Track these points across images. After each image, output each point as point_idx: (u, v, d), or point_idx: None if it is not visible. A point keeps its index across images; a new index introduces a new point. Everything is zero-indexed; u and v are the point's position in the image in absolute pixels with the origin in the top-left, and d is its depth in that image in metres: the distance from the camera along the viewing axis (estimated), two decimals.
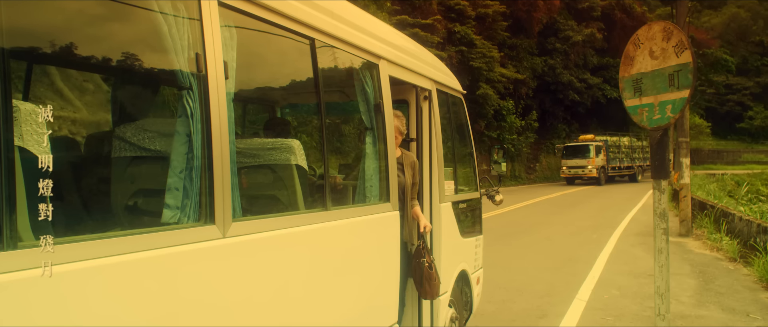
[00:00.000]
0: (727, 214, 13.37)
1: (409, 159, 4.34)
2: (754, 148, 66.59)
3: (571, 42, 46.93)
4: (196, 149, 2.30)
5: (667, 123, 3.47)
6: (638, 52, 3.57)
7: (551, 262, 10.86)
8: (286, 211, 3.13)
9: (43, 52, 2.48)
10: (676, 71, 3.30)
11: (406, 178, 4.23)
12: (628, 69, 3.68)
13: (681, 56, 3.24)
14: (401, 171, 4.22)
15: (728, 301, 8.02)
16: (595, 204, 24.33)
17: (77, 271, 1.76)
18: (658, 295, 3.63)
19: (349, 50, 3.49)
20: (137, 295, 1.97)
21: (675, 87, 3.36)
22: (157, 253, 2.04)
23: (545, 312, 7.42)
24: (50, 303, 1.69)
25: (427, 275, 4.04)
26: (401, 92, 4.59)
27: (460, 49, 33.62)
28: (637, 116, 3.69)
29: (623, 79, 3.75)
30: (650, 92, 3.61)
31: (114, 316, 1.88)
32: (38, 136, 1.81)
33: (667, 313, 3.61)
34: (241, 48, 2.59)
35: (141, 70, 2.60)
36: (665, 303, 3.61)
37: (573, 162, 38.27)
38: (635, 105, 3.69)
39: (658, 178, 3.53)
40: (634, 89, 3.67)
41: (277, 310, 2.71)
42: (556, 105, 48.31)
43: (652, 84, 3.59)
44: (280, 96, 4.20)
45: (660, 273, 3.65)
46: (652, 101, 3.54)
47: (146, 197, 2.59)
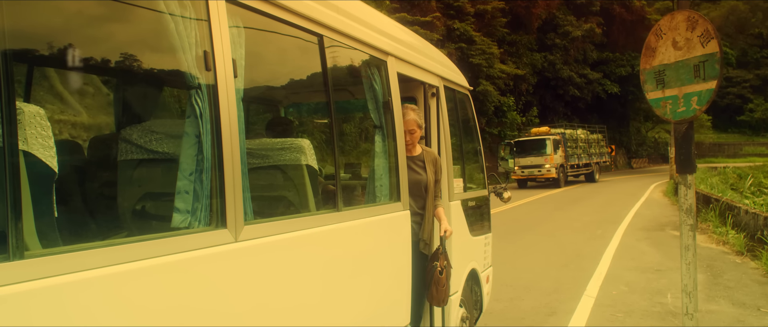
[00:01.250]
0: (732, 208, 13.29)
1: (430, 155, 4.22)
2: (755, 141, 66.61)
3: (571, 37, 46.86)
4: (205, 150, 2.22)
5: (693, 115, 3.35)
6: (660, 43, 3.46)
7: (557, 258, 10.79)
8: (298, 213, 3.05)
9: (45, 53, 2.40)
10: (702, 62, 3.20)
11: (428, 176, 4.11)
12: (649, 60, 3.57)
13: (707, 46, 3.14)
14: (422, 168, 4.11)
15: (738, 295, 7.95)
16: (597, 200, 24.26)
17: (86, 281, 1.68)
18: (685, 293, 3.54)
19: (358, 47, 3.42)
20: (149, 304, 1.89)
21: (701, 78, 3.26)
22: (168, 260, 1.96)
23: (554, 309, 7.35)
24: (59, 315, 1.61)
25: (436, 279, 3.92)
26: (409, 89, 4.51)
27: (460, 46, 33.58)
28: (660, 109, 3.58)
29: (645, 71, 3.64)
30: (674, 84, 3.50)
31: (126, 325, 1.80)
32: (43, 139, 1.73)
33: (696, 312, 3.52)
34: (249, 46, 2.52)
35: (147, 69, 2.53)
36: (693, 302, 3.52)
37: (527, 160, 31.47)
38: (658, 97, 3.58)
39: (684, 173, 3.42)
40: (656, 81, 3.56)
41: (290, 314, 2.63)
42: (557, 100, 48.26)
43: (675, 75, 3.49)
44: (289, 95, 4.13)
45: (687, 270, 3.55)
46: (676, 93, 3.43)
47: (155, 201, 2.51)
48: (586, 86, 48.64)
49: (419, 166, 4.10)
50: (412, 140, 4.08)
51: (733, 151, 59.37)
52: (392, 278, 3.69)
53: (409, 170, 4.02)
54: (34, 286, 1.55)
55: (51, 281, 1.59)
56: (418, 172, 4.08)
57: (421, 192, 4.08)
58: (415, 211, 4.02)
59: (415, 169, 4.09)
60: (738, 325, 6.60)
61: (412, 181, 4.02)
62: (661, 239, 13.13)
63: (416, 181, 4.06)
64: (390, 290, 3.66)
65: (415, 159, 4.12)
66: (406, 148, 4.02)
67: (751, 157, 50.35)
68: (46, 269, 1.59)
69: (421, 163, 4.11)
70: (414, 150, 4.16)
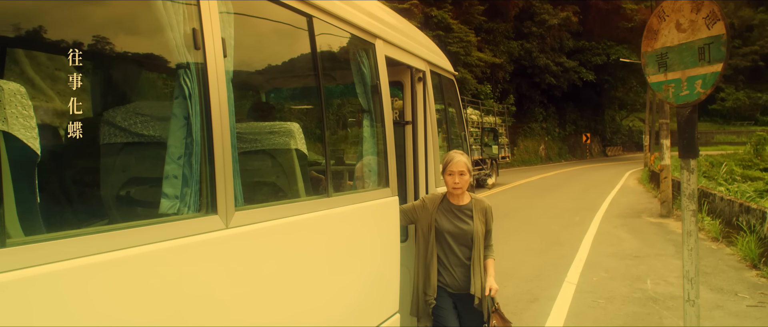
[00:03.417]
0: (707, 195, 13.47)
1: (480, 204, 3.92)
2: (726, 129, 67.79)
3: (547, 25, 47.06)
4: (195, 133, 2.12)
5: (697, 99, 3.29)
6: (663, 25, 3.39)
7: (537, 245, 10.85)
8: (288, 198, 2.97)
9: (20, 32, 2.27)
10: (707, 44, 3.14)
11: (476, 226, 3.82)
12: (651, 43, 3.49)
13: (713, 28, 3.08)
14: (470, 217, 3.84)
15: (715, 280, 8.05)
16: (574, 187, 24.48)
17: (72, 270, 1.58)
18: (687, 279, 3.50)
19: (346, 28, 3.33)
20: (137, 293, 1.80)
21: (706, 61, 3.19)
22: (157, 247, 1.87)
23: (536, 296, 7.37)
24: (44, 305, 1.52)
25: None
26: (395, 74, 4.43)
27: (438, 34, 33.47)
28: (662, 93, 3.50)
29: (646, 53, 3.56)
30: (677, 67, 3.43)
31: (113, 316, 1.70)
32: (24, 119, 1.62)
33: (697, 298, 3.48)
34: (238, 25, 2.42)
35: (132, 48, 2.41)
36: (695, 288, 3.48)
37: None
38: (660, 81, 3.50)
39: (687, 158, 3.37)
40: (658, 64, 3.48)
41: (281, 301, 2.56)
42: (533, 88, 48.53)
43: (679, 58, 3.42)
44: (277, 77, 4.02)
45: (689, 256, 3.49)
46: (679, 76, 3.37)
47: (142, 187, 2.41)
48: (563, 74, 48.96)
49: (467, 216, 3.85)
50: (462, 183, 3.79)
51: (705, 140, 60.29)
52: (381, 264, 3.63)
53: (456, 219, 3.82)
54: (16, 276, 1.45)
55: (35, 270, 1.49)
56: (465, 221, 3.82)
57: (467, 242, 3.81)
58: (461, 263, 3.80)
59: (463, 219, 3.83)
60: (716, 310, 6.67)
61: (459, 230, 3.80)
62: (638, 226, 13.28)
63: (463, 231, 3.80)
64: (379, 276, 3.60)
65: (464, 208, 3.87)
66: (454, 195, 3.84)
67: (722, 145, 51.12)
68: (30, 258, 1.49)
69: (468, 212, 3.85)
70: (462, 198, 3.89)
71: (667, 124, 15.89)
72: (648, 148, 31.43)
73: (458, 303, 3.86)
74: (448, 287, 3.82)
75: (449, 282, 3.81)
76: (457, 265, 3.80)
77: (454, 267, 3.80)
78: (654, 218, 14.59)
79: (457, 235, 3.80)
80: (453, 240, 3.79)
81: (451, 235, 3.79)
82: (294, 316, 2.65)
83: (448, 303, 3.83)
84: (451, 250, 3.80)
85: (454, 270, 3.81)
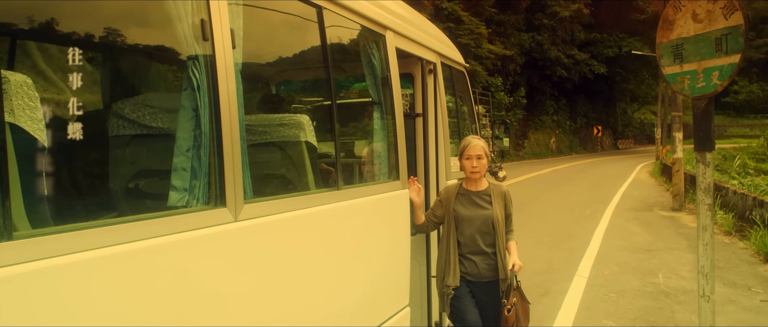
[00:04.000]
0: (720, 188, 13.35)
1: (498, 189, 3.88)
2: (739, 122, 67.21)
3: (559, 18, 46.75)
4: (203, 125, 2.10)
5: (714, 91, 3.21)
6: (679, 16, 3.31)
7: (548, 238, 10.79)
8: (298, 191, 2.94)
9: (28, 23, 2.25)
10: (724, 34, 3.07)
11: (496, 211, 3.76)
12: (666, 34, 3.42)
13: (731, 18, 3.01)
14: (488, 203, 3.78)
15: (728, 275, 7.97)
16: (585, 180, 24.36)
17: (79, 263, 1.57)
18: (702, 274, 3.44)
19: (356, 19, 3.30)
20: (145, 287, 1.78)
21: (723, 52, 3.12)
22: (165, 240, 1.85)
23: (547, 289, 7.33)
24: (51, 298, 1.50)
25: (503, 318, 3.57)
26: (406, 66, 4.39)
27: (448, 26, 33.32)
28: (677, 85, 3.43)
29: (661, 45, 3.48)
30: (693, 58, 3.36)
31: (120, 310, 1.69)
32: (31, 111, 1.60)
33: (712, 294, 3.43)
34: (247, 16, 2.39)
35: (140, 39, 2.39)
36: (710, 283, 3.43)
37: None
38: (675, 72, 3.42)
39: (703, 151, 3.30)
40: (673, 56, 3.40)
41: (290, 295, 2.54)
42: (544, 81, 48.27)
43: (695, 49, 3.35)
44: (286, 69, 3.99)
45: (704, 251, 3.42)
46: (695, 68, 3.30)
47: (151, 179, 2.39)
48: (574, 67, 48.65)
49: (485, 201, 3.79)
50: (480, 167, 3.76)
51: (718, 133, 59.74)
52: (391, 258, 3.60)
53: (475, 206, 3.76)
54: (23, 269, 1.44)
55: (42, 264, 1.47)
56: (484, 206, 3.76)
57: (488, 229, 3.75)
58: (481, 250, 3.73)
59: (482, 205, 3.78)
60: (729, 305, 6.61)
61: (478, 216, 3.73)
62: (650, 219, 13.19)
63: (483, 217, 3.74)
64: (389, 270, 3.57)
65: (482, 194, 3.81)
66: (471, 180, 3.81)
67: (735, 138, 50.75)
68: (37, 251, 1.47)
69: (487, 197, 3.80)
70: (480, 183, 3.84)
71: (679, 117, 15.75)
72: (660, 141, 31.23)
73: (478, 292, 3.78)
74: (468, 276, 3.75)
75: (470, 270, 3.74)
76: (478, 253, 3.73)
77: (475, 255, 3.74)
78: (666, 212, 14.48)
79: (478, 222, 3.73)
80: (473, 227, 3.72)
81: (471, 222, 3.73)
82: (303, 310, 2.64)
83: (467, 293, 3.76)
84: (472, 238, 3.74)
85: (474, 258, 3.75)
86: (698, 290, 3.51)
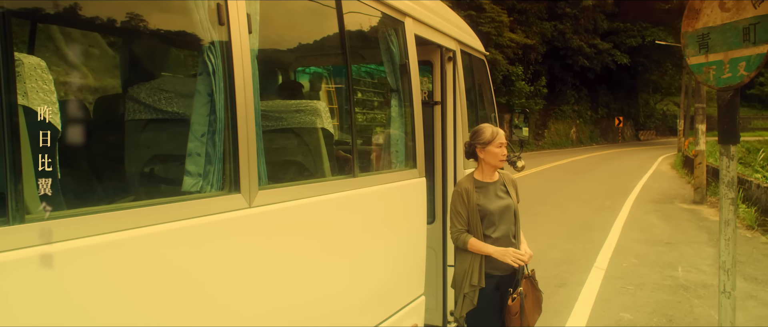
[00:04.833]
0: (743, 182, 13.13)
1: (509, 178, 3.81)
2: (764, 115, 66.07)
3: (582, 6, 46.14)
4: (218, 110, 2.09)
5: (740, 82, 3.14)
6: (706, 4, 3.21)
7: (566, 229, 10.71)
8: (313, 178, 2.92)
9: (47, 7, 2.25)
10: (752, 24, 2.98)
11: (514, 199, 3.71)
12: (692, 23, 3.33)
13: (760, 7, 2.91)
14: (506, 192, 3.70)
15: (750, 270, 7.85)
16: (605, 170, 24.14)
17: (92, 247, 1.57)
18: (723, 270, 3.38)
19: (375, 5, 3.26)
20: (158, 272, 1.78)
21: (751, 42, 3.03)
22: (179, 225, 1.85)
23: (564, 280, 7.28)
24: (63, 283, 1.50)
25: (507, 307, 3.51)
26: (424, 53, 4.34)
27: (469, 14, 33.06)
28: (702, 75, 3.34)
29: (687, 34, 3.39)
30: (719, 48, 3.27)
31: (133, 294, 1.69)
32: (44, 94, 1.59)
33: (733, 290, 3.37)
34: (263, 1, 2.36)
35: (155, 23, 2.38)
36: (731, 279, 3.36)
37: None
38: (700, 63, 3.34)
39: (727, 144, 3.23)
40: (699, 45, 3.31)
41: (304, 282, 2.53)
42: (565, 71, 47.75)
43: (721, 39, 3.26)
44: (303, 55, 3.97)
45: (726, 246, 3.35)
46: (721, 58, 3.22)
47: (165, 164, 2.39)
48: (596, 56, 48.02)
49: (503, 191, 3.70)
50: (503, 154, 3.63)
51: (742, 125, 58.65)
52: (407, 246, 3.58)
53: (496, 197, 3.65)
54: (36, 251, 1.44)
55: (54, 247, 1.47)
56: (503, 197, 3.67)
57: (510, 217, 3.66)
58: (510, 242, 3.62)
59: (501, 196, 3.67)
60: (750, 300, 6.51)
61: (504, 207, 3.63)
62: (671, 212, 13.03)
63: (506, 206, 3.65)
64: (405, 258, 3.56)
65: (498, 184, 3.70)
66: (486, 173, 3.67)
67: (759, 131, 49.80)
68: (49, 234, 1.47)
69: (503, 187, 3.71)
70: (494, 174, 3.72)
71: (703, 109, 15.49)
72: (682, 133, 30.81)
73: (503, 284, 3.63)
74: (496, 270, 3.59)
75: (499, 264, 3.57)
76: (504, 245, 3.58)
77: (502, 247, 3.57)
78: (687, 204, 14.30)
79: (502, 213, 3.63)
80: (498, 219, 3.61)
81: (497, 214, 3.60)
82: (316, 298, 2.63)
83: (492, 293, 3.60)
84: (503, 231, 3.61)
85: None
86: (719, 286, 3.45)
